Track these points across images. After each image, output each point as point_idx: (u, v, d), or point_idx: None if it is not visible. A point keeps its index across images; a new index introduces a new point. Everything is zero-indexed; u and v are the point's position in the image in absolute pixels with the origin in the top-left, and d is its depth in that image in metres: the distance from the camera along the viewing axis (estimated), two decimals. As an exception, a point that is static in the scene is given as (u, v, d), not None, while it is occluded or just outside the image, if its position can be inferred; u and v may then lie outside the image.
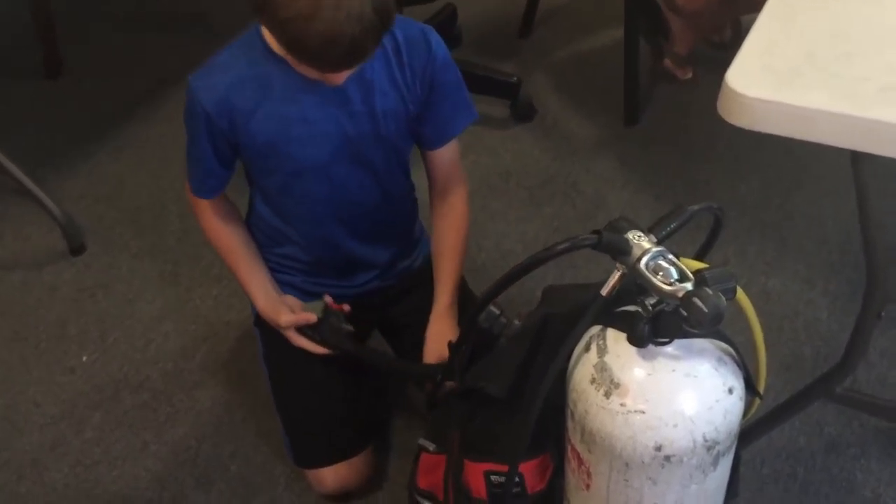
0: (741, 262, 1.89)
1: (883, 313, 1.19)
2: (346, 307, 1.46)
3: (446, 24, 2.50)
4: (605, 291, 0.90)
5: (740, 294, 0.97)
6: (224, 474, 1.57)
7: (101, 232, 2.04)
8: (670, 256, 0.88)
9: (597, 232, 0.87)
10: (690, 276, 0.86)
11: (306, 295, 1.49)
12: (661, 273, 0.86)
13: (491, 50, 2.54)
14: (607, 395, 0.90)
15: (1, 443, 1.64)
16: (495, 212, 2.05)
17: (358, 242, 1.47)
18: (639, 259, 0.87)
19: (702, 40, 2.36)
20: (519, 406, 1.00)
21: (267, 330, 1.49)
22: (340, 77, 1.22)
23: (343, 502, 1.51)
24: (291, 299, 1.46)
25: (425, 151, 1.46)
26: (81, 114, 2.40)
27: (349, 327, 1.46)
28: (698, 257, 1.05)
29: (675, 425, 0.88)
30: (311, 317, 1.43)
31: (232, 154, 1.36)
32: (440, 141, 1.44)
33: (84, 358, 1.78)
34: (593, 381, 0.92)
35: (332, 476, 1.45)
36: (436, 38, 1.35)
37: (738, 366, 0.92)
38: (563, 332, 0.95)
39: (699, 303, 0.81)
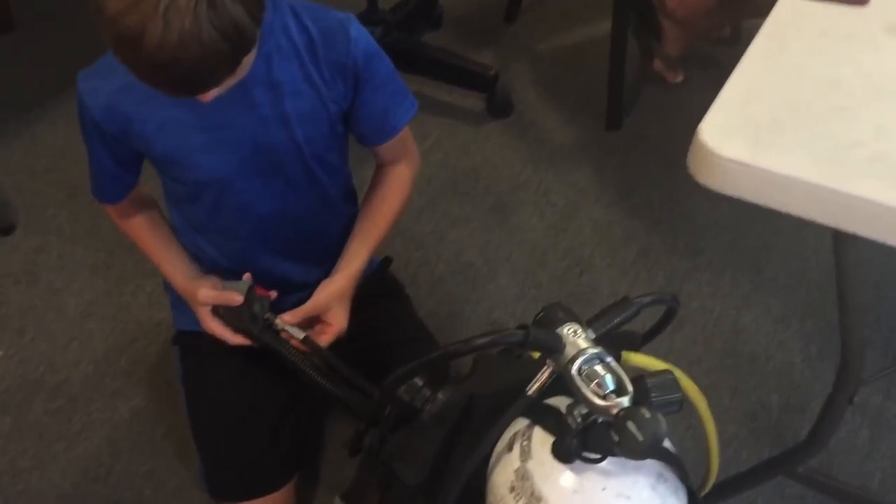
0: (713, 292, 1.77)
1: (855, 399, 1.07)
2: (273, 293, 1.30)
3: (426, 4, 2.34)
4: (530, 391, 0.78)
5: (689, 385, 0.85)
6: (136, 497, 1.45)
7: (33, 211, 1.90)
8: (609, 360, 0.75)
9: (524, 327, 0.74)
10: (629, 387, 0.73)
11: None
12: (594, 381, 0.73)
13: (472, 34, 2.38)
14: (526, 509, 0.78)
15: None
16: (458, 218, 1.92)
17: (278, 259, 1.33)
18: (571, 361, 0.74)
19: (697, 40, 2.21)
20: (435, 492, 0.88)
21: (187, 348, 1.37)
22: (206, 96, 1.05)
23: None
24: (213, 278, 1.31)
25: (367, 146, 1.32)
26: (26, 77, 2.24)
27: (272, 318, 1.27)
28: (644, 339, 0.92)
29: (601, 552, 0.76)
30: (236, 297, 1.25)
31: (133, 157, 1.22)
32: (379, 139, 1.30)
33: (0, 353, 1.65)
34: (513, 489, 0.79)
35: None
36: (357, 28, 1.19)
37: (681, 480, 0.80)
38: (486, 419, 0.83)
39: (633, 429, 0.68)
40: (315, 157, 1.25)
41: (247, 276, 1.28)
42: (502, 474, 0.82)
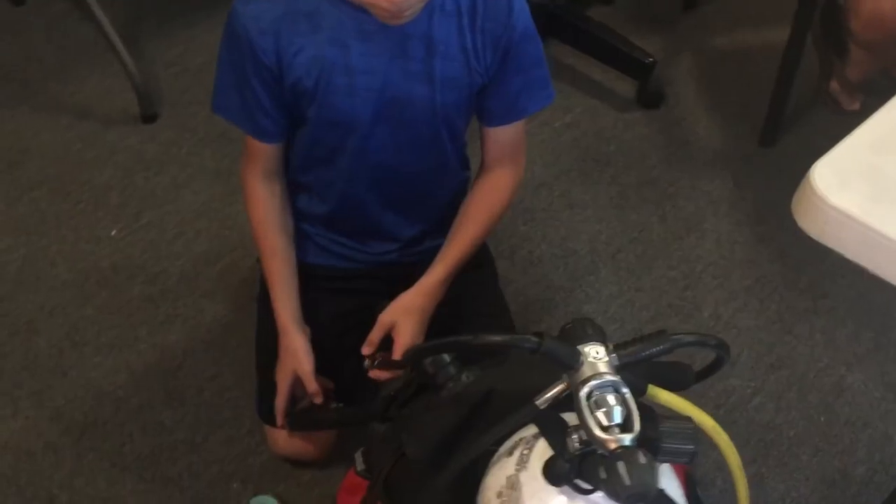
0: (827, 341, 1.63)
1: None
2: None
3: (602, -24, 2.25)
4: (539, 401, 0.73)
5: (713, 427, 0.78)
6: (196, 397, 1.51)
7: (177, 106, 1.98)
8: (624, 392, 0.69)
9: (539, 335, 0.70)
10: (636, 425, 0.67)
11: (322, 251, 1.37)
12: (602, 409, 0.68)
13: (644, 16, 2.27)
14: (508, 520, 0.74)
15: (7, 292, 1.64)
16: (576, 202, 1.85)
17: (381, 209, 1.32)
18: (583, 382, 0.69)
19: (882, 70, 2.01)
20: (437, 474, 0.86)
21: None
22: (400, 14, 1.04)
23: (298, 467, 1.42)
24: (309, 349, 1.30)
25: (484, 127, 1.29)
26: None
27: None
28: (697, 378, 0.85)
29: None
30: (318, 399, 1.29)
31: (282, 93, 1.19)
32: (503, 119, 1.27)
33: (113, 232, 1.75)
34: (500, 495, 0.76)
35: (284, 440, 1.36)
36: (520, 4, 1.17)
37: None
38: (498, 417, 0.79)
39: (623, 471, 0.63)
40: (446, 121, 1.24)
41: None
42: (495, 477, 0.79)
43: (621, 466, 0.64)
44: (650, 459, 0.65)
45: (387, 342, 1.24)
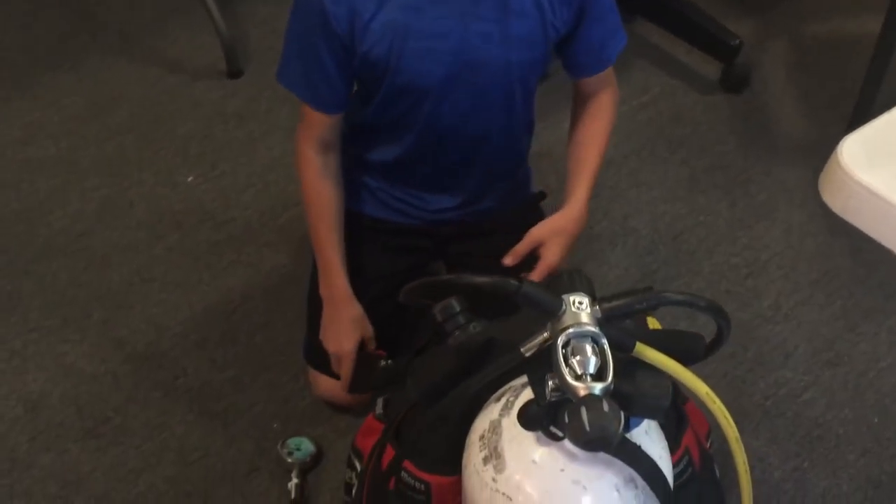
0: (892, 343, 1.57)
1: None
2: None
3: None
4: (524, 348, 0.74)
5: (707, 394, 0.76)
6: (248, 340, 1.57)
7: (261, 65, 2.05)
8: (603, 343, 0.69)
9: (520, 279, 0.70)
10: (609, 376, 0.67)
11: (381, 204, 1.40)
12: (577, 357, 0.68)
13: (740, -2, 2.20)
14: (486, 460, 0.75)
15: (87, 227, 1.74)
16: (643, 181, 1.82)
17: (447, 168, 1.33)
18: (563, 330, 0.69)
19: None
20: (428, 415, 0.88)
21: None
22: None
23: (337, 413, 1.47)
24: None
25: (575, 79, 1.31)
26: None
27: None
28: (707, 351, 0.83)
29: (540, 532, 0.72)
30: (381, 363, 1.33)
31: (350, 63, 1.19)
32: (593, 70, 1.29)
33: (189, 179, 1.83)
34: (482, 438, 0.77)
35: (325, 383, 1.40)
36: None
37: (658, 498, 0.72)
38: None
39: (584, 416, 0.63)
40: (520, 81, 1.24)
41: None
42: (481, 421, 0.80)
43: (583, 412, 0.64)
44: (614, 409, 0.64)
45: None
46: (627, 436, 0.72)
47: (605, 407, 0.64)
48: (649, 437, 0.74)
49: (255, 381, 1.51)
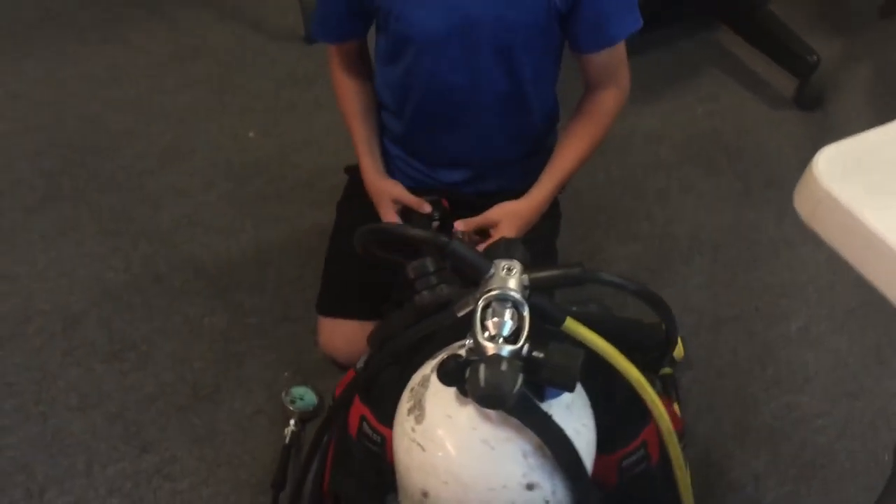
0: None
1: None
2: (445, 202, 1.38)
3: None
4: (456, 307, 0.76)
5: (637, 381, 0.76)
6: (276, 290, 1.64)
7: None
8: (523, 310, 0.70)
9: (451, 236, 0.72)
10: (521, 341, 0.68)
11: (398, 170, 1.44)
12: (493, 319, 0.69)
13: (838, 15, 2.13)
14: (410, 411, 0.78)
15: (148, 167, 1.84)
16: (693, 189, 1.80)
17: (452, 137, 1.35)
18: (487, 292, 0.71)
19: None
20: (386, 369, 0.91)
21: (354, 180, 1.47)
22: None
23: (343, 370, 1.51)
24: (400, 185, 1.39)
25: (575, 53, 1.29)
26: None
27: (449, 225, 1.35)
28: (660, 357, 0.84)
29: (446, 483, 0.74)
30: (426, 206, 1.35)
31: (358, 6, 1.27)
32: (592, 45, 1.26)
33: (251, 134, 1.91)
34: (412, 391, 0.79)
35: (331, 329, 1.46)
36: None
37: (559, 474, 0.73)
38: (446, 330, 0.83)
39: (481, 373, 0.64)
40: (524, 47, 1.24)
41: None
42: (416, 376, 0.82)
43: (482, 369, 0.66)
44: (514, 369, 0.66)
45: None
46: (545, 406, 0.73)
47: (504, 366, 0.65)
48: (569, 411, 0.75)
49: (275, 330, 1.57)
